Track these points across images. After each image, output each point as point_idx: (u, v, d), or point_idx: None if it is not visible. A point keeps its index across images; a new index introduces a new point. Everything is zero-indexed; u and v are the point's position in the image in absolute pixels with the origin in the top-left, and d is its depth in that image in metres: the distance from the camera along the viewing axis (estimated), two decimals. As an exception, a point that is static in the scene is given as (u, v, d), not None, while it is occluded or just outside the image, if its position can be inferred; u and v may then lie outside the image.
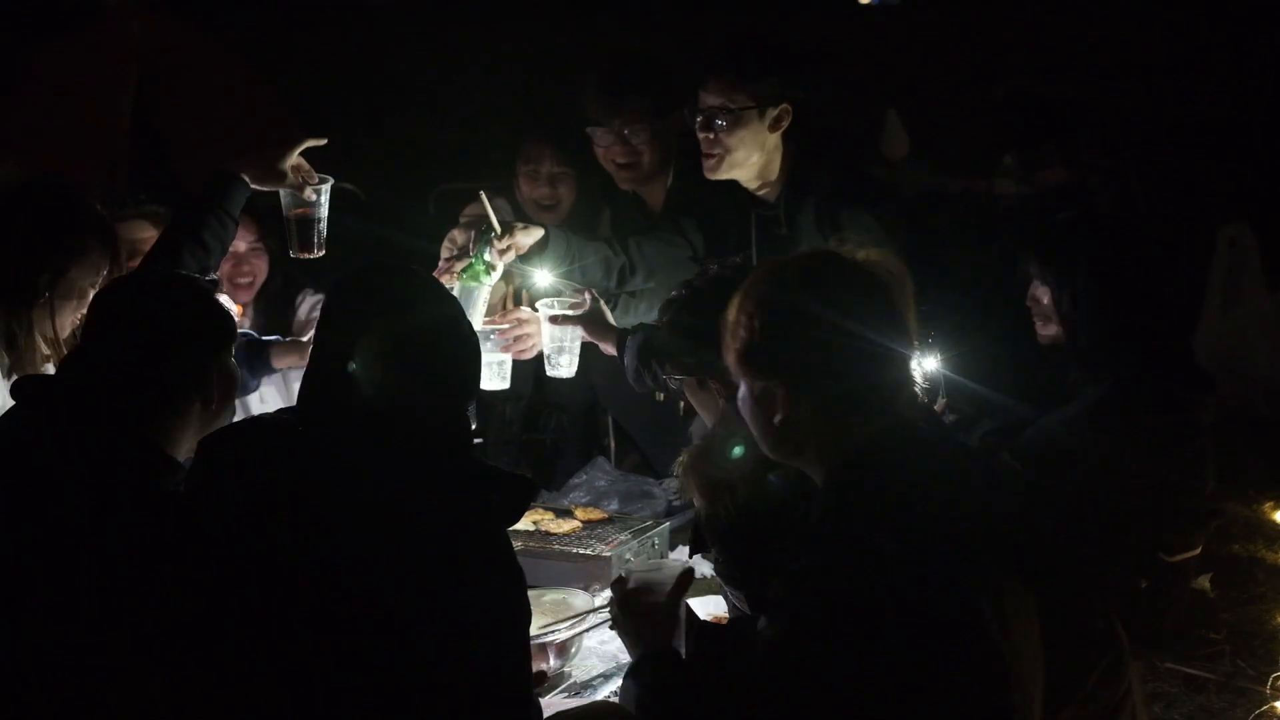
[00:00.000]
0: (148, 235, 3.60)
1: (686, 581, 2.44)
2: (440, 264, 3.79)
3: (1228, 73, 9.57)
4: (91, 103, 6.19)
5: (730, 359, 2.11)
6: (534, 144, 4.28)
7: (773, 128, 3.58)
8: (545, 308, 3.60)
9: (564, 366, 3.67)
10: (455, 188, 4.51)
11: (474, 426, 3.29)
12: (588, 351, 4.28)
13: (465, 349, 2.21)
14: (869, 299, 2.05)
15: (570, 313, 3.56)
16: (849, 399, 2.03)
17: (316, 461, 2.07)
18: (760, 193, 3.72)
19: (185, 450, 2.41)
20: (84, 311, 3.13)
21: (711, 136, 3.58)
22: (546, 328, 3.61)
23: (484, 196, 3.69)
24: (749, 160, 3.62)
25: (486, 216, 3.64)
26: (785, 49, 3.70)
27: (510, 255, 3.60)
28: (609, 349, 3.52)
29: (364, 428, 2.09)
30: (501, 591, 2.08)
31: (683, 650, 2.34)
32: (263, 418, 2.47)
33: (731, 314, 2.11)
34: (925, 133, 5.11)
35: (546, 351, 3.65)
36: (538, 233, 3.67)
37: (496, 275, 3.64)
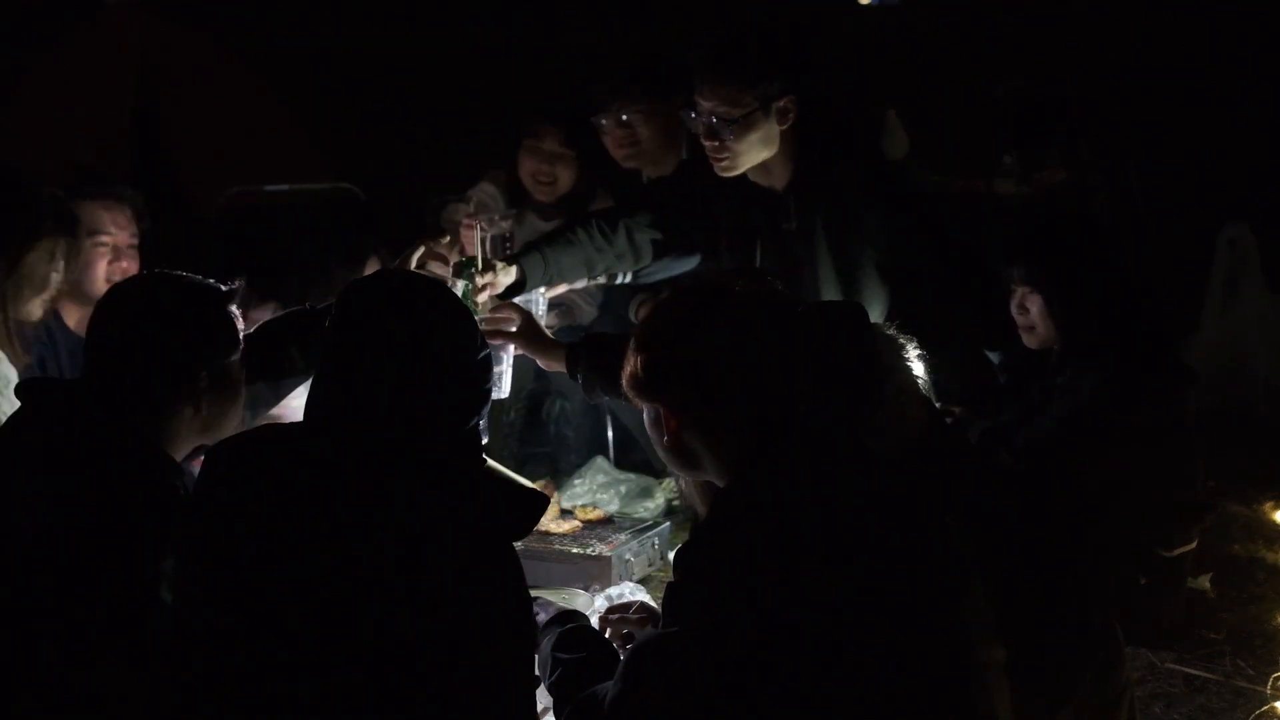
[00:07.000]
0: (111, 215, 3.62)
1: None
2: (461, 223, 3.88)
3: (1228, 72, 9.57)
4: (91, 103, 6.19)
5: (624, 383, 2.20)
6: (539, 121, 4.38)
7: (779, 122, 3.45)
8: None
9: (497, 387, 3.27)
10: (450, 200, 4.53)
11: (485, 440, 3.15)
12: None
13: (477, 358, 2.18)
14: (749, 326, 2.11)
15: (502, 329, 3.27)
16: (727, 420, 2.09)
17: (319, 472, 2.03)
18: (765, 183, 3.61)
19: (182, 451, 2.42)
20: (49, 294, 3.24)
21: (718, 143, 3.45)
22: None
23: (478, 233, 3.56)
24: (759, 157, 3.51)
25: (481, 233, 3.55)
26: (781, 42, 3.52)
27: (486, 294, 3.43)
28: (549, 365, 3.31)
29: (369, 438, 2.05)
30: (508, 608, 2.05)
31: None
32: (274, 426, 2.46)
33: (631, 342, 2.19)
34: (925, 133, 5.10)
35: None
36: (513, 271, 3.53)
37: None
